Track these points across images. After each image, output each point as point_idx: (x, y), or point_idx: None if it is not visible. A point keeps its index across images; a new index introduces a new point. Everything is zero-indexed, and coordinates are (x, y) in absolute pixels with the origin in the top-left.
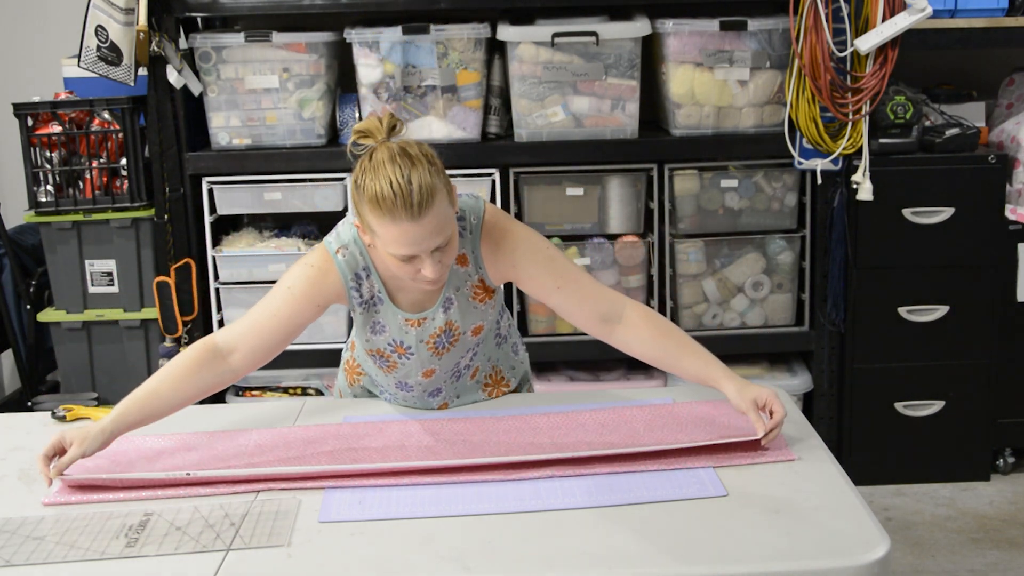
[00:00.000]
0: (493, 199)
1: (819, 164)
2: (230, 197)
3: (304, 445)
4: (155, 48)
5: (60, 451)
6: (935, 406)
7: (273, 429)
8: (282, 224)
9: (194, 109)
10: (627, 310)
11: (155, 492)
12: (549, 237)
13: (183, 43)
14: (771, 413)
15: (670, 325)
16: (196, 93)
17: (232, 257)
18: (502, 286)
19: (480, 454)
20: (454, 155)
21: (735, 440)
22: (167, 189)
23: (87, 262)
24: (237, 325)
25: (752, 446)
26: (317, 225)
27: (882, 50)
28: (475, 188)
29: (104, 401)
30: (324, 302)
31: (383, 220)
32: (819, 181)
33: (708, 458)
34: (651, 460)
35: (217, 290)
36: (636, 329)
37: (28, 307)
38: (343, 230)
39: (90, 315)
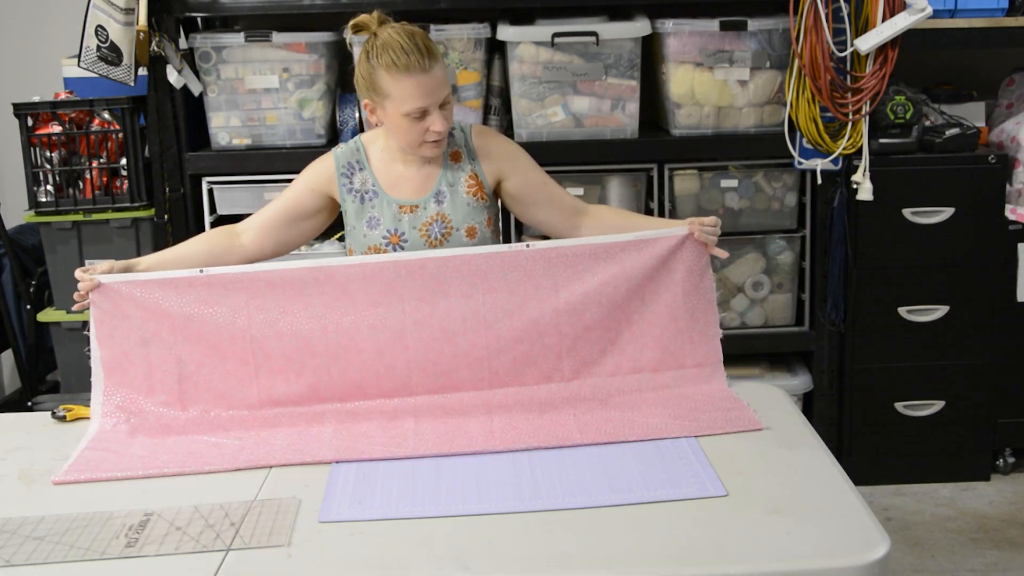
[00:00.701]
0: None
1: (819, 164)
2: (230, 197)
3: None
4: (155, 48)
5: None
6: (935, 406)
7: (271, 271)
8: None
9: (194, 109)
10: (590, 205)
11: (160, 469)
12: (547, 238)
13: (183, 43)
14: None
15: (624, 210)
16: (196, 93)
17: None
18: (498, 204)
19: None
20: None
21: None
22: (167, 189)
23: (87, 262)
24: (252, 215)
25: (717, 394)
26: None
27: (882, 50)
28: None
29: None
30: (319, 187)
31: (399, 77)
32: (819, 181)
33: (683, 421)
34: (632, 431)
35: None
36: (600, 214)
37: (28, 307)
38: (347, 138)
39: (90, 316)
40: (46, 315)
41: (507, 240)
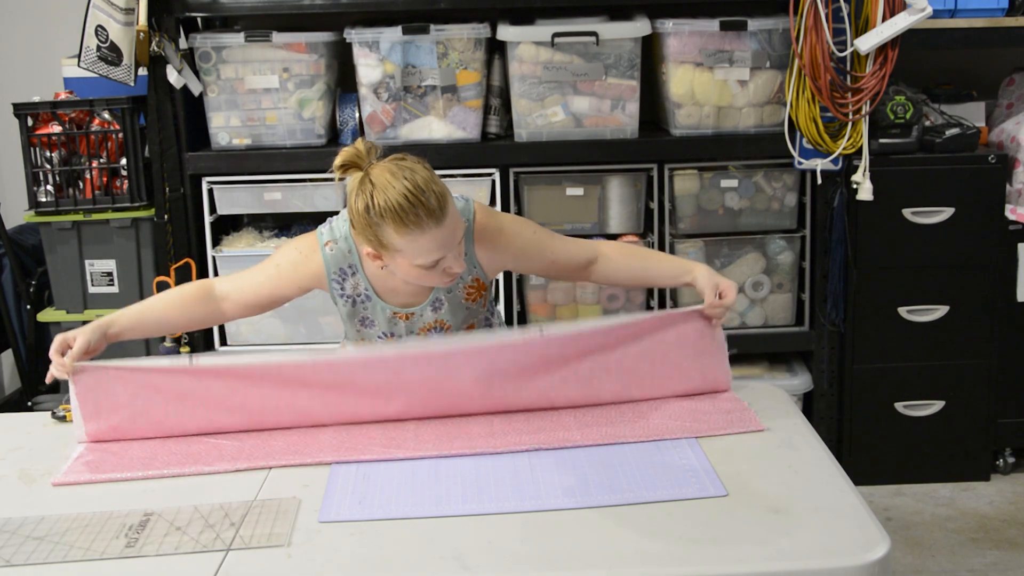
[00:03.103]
0: (493, 199)
1: (819, 164)
2: (230, 197)
3: (299, 374)
4: (155, 48)
5: (66, 348)
6: (935, 406)
7: (268, 364)
8: (282, 224)
9: (194, 109)
10: (600, 247)
11: (159, 471)
12: None
13: (183, 43)
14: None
15: (639, 248)
16: (196, 93)
17: (232, 257)
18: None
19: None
20: (454, 155)
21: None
22: (167, 189)
23: (87, 262)
24: (233, 278)
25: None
26: (317, 225)
27: (882, 50)
28: (475, 188)
29: None
30: (305, 285)
31: (411, 234)
32: (819, 181)
33: (684, 422)
34: (632, 431)
35: None
36: (612, 259)
37: (28, 307)
38: (337, 224)
39: (90, 315)
40: (46, 315)
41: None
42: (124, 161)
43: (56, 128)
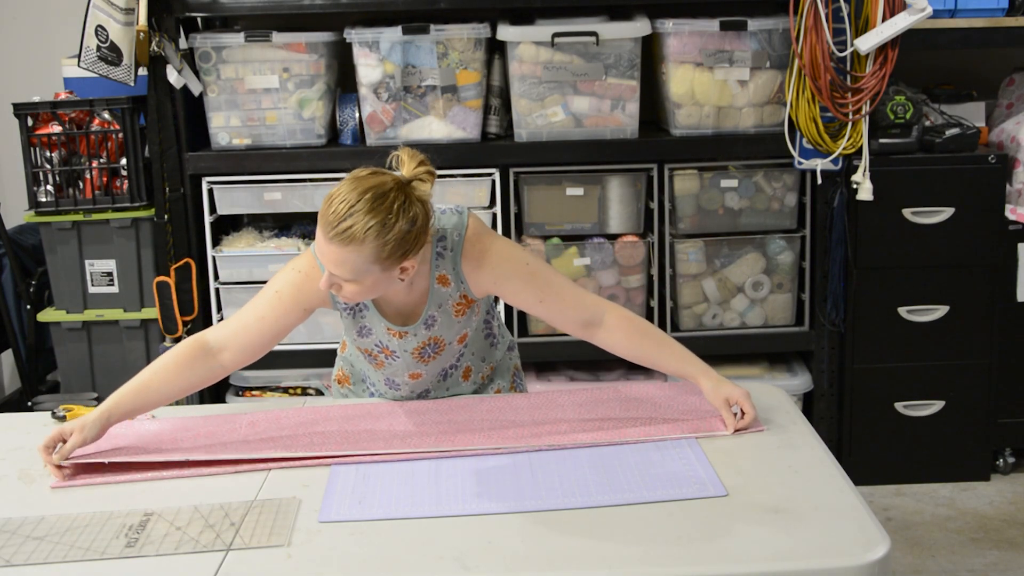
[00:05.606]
0: (493, 199)
1: (819, 164)
2: (230, 197)
3: (296, 426)
4: (155, 48)
5: (60, 442)
6: (935, 406)
7: (267, 411)
8: (282, 224)
9: (194, 109)
10: (607, 315)
11: (158, 473)
12: (549, 237)
13: (183, 43)
14: (742, 412)
15: (648, 326)
16: (196, 93)
17: (232, 257)
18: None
19: (466, 430)
20: (454, 155)
21: (707, 434)
22: (167, 189)
23: (87, 262)
24: (228, 324)
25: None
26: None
27: (882, 50)
28: (475, 188)
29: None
30: (310, 306)
31: (319, 228)
32: (819, 181)
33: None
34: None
35: (217, 290)
36: (615, 332)
37: (28, 307)
38: None
39: (90, 315)
40: (46, 315)
41: None
42: (124, 161)
43: (56, 128)
